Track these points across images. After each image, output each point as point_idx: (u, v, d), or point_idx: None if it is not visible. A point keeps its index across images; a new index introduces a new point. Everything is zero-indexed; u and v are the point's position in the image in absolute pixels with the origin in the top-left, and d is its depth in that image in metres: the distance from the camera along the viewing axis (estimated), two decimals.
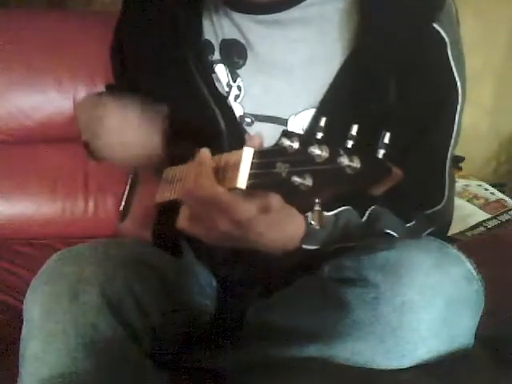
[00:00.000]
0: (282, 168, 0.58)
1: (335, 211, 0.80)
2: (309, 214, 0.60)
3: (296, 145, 0.57)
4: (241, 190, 0.64)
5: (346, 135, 0.55)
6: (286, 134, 0.58)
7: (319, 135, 0.56)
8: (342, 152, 0.53)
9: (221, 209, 0.67)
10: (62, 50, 1.35)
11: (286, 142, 0.58)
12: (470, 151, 1.63)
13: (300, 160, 0.56)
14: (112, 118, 0.87)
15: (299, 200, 0.60)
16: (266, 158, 0.61)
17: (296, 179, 0.56)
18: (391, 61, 0.82)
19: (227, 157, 0.69)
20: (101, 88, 1.28)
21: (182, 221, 0.72)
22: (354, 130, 0.55)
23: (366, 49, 0.82)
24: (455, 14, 0.86)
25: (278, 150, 0.59)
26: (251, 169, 0.63)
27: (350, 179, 0.53)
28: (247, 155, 0.63)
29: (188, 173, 0.80)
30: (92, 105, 0.96)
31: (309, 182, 0.55)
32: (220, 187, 0.66)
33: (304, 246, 0.76)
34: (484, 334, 0.76)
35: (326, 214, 0.79)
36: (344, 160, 0.53)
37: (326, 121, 0.57)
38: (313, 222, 0.60)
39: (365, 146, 0.54)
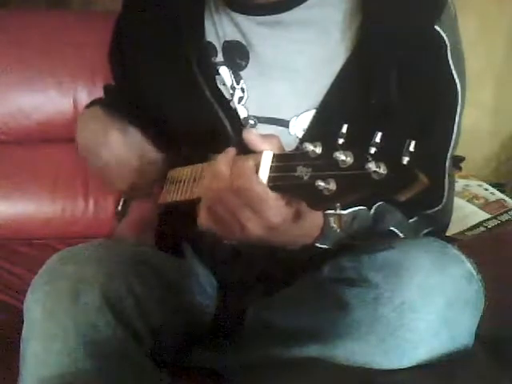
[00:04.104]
0: (303, 172, 0.58)
1: (351, 210, 0.79)
2: (330, 218, 0.61)
3: (319, 149, 0.58)
4: None
5: (368, 141, 0.55)
6: (308, 139, 0.59)
7: (341, 141, 0.57)
8: (369, 158, 0.54)
9: (254, 205, 0.65)
10: (62, 50, 1.36)
11: (309, 147, 0.58)
12: (470, 151, 1.63)
13: (324, 164, 0.57)
14: (112, 152, 0.89)
15: (321, 204, 0.60)
16: (285, 161, 0.62)
17: (320, 183, 0.56)
18: (392, 61, 0.82)
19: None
20: (101, 88, 1.28)
21: (204, 219, 0.70)
22: (378, 137, 0.55)
23: (366, 49, 0.82)
24: (455, 15, 0.86)
25: (298, 154, 0.59)
26: (270, 172, 0.63)
27: (376, 185, 0.53)
28: (266, 158, 0.63)
29: (207, 172, 0.77)
30: (93, 122, 0.97)
31: (333, 186, 0.56)
32: (261, 182, 0.64)
33: (317, 244, 0.76)
34: (484, 334, 0.76)
35: (343, 213, 0.79)
36: (371, 166, 0.53)
37: (348, 128, 0.57)
38: (334, 225, 0.60)
39: (389, 153, 0.54)
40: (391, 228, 0.83)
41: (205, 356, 0.89)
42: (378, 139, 0.55)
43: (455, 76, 0.84)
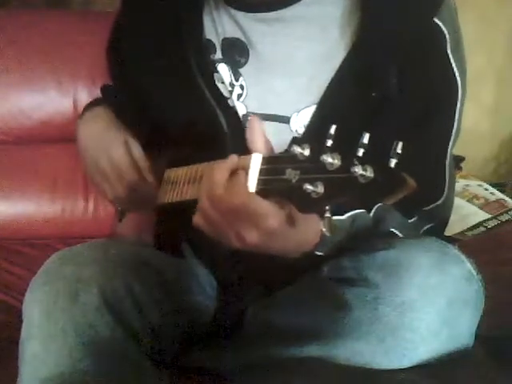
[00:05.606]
0: (291, 175, 0.58)
1: (350, 214, 0.79)
2: (320, 222, 0.60)
3: (307, 152, 0.57)
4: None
5: (356, 143, 0.54)
6: (297, 141, 0.58)
7: (329, 142, 0.56)
8: (355, 161, 0.53)
9: (250, 218, 0.65)
10: (61, 50, 1.35)
11: (297, 150, 0.57)
12: (470, 151, 1.63)
13: (311, 167, 0.56)
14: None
15: (310, 207, 0.60)
16: (274, 164, 0.61)
17: (308, 187, 0.56)
18: (391, 55, 0.82)
19: None
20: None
21: (199, 219, 0.70)
22: (366, 138, 0.54)
23: (366, 45, 0.82)
24: (455, 9, 0.86)
25: (287, 157, 0.59)
26: (260, 175, 0.63)
27: (363, 188, 0.53)
28: (255, 161, 0.63)
29: (202, 175, 0.77)
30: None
31: (320, 189, 0.55)
32: (256, 196, 0.64)
33: (317, 252, 0.76)
34: (484, 334, 0.76)
35: (341, 217, 0.78)
36: (358, 169, 0.53)
37: (336, 128, 0.57)
38: (324, 229, 0.60)
39: (377, 155, 0.53)
40: (392, 229, 0.83)
41: (205, 356, 0.89)
42: (365, 140, 0.55)
43: (455, 70, 0.84)
